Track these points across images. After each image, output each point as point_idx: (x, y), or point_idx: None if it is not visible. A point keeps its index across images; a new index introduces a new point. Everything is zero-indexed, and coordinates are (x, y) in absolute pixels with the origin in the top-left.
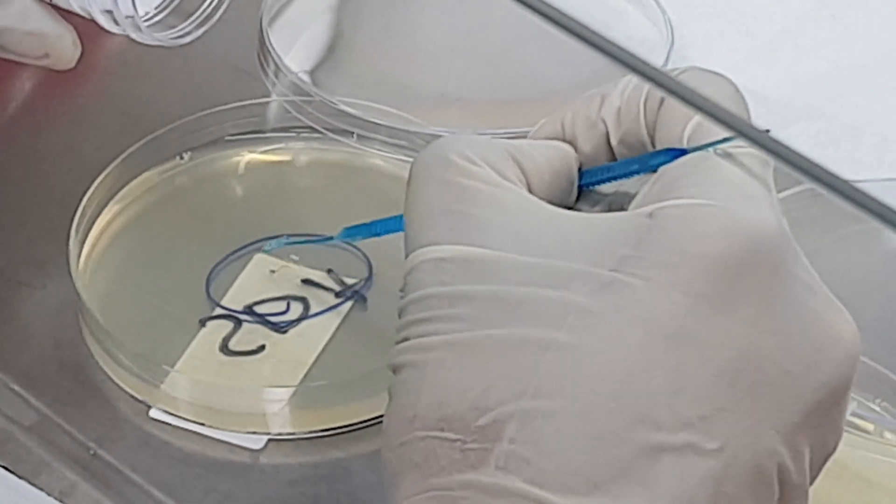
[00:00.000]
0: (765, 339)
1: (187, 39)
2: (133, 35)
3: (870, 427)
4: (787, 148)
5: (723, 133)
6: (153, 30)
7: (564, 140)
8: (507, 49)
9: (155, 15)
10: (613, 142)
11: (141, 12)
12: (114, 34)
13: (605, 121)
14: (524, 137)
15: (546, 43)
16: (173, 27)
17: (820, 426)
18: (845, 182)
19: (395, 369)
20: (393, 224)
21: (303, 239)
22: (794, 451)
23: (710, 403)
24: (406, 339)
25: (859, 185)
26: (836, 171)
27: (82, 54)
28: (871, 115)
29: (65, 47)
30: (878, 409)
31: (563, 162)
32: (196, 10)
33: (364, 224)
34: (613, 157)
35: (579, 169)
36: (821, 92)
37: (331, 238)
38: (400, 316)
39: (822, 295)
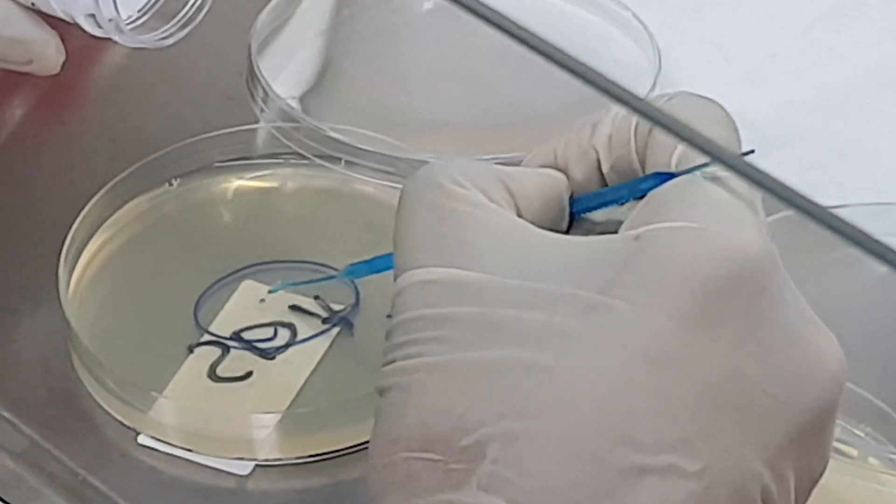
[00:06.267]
0: (748, 362)
1: (170, 41)
2: (116, 38)
3: (853, 452)
4: (764, 173)
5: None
6: (136, 32)
7: (556, 168)
8: (494, 74)
9: (137, 18)
10: (605, 169)
11: (123, 15)
12: (102, 59)
13: (596, 148)
14: (513, 162)
15: (533, 68)
16: (156, 29)
17: (805, 451)
18: (823, 208)
19: (381, 392)
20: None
21: (304, 280)
22: (778, 475)
23: (693, 425)
24: (392, 362)
25: (837, 211)
26: (823, 195)
27: (71, 82)
28: (858, 139)
29: (48, 53)
30: (861, 434)
31: (554, 189)
32: (178, 13)
33: (364, 261)
34: (605, 185)
35: (571, 196)
36: (808, 116)
37: (332, 277)
38: (387, 339)
39: (808, 318)
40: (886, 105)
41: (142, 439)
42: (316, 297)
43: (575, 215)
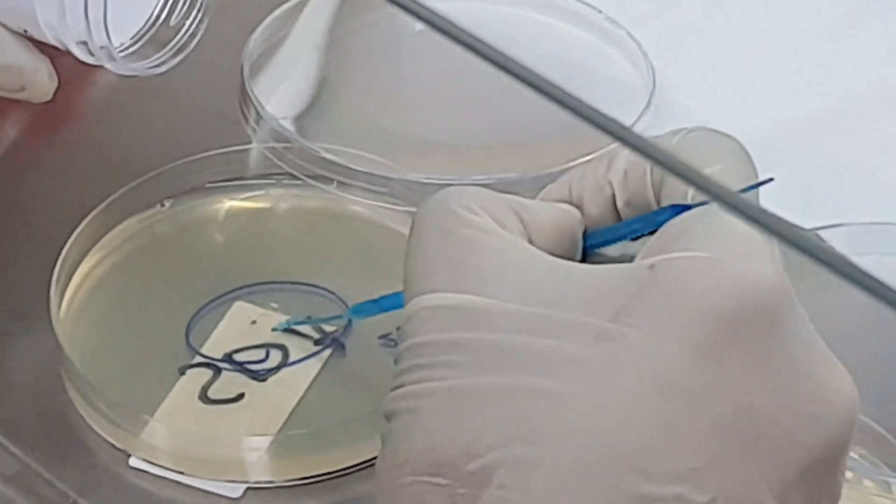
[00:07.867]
0: (760, 394)
1: (162, 69)
2: (108, 65)
3: (849, 475)
4: (737, 195)
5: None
6: (128, 60)
7: (571, 203)
8: (488, 95)
9: (130, 46)
10: (620, 204)
11: (116, 43)
12: (95, 78)
13: (611, 183)
14: (508, 183)
15: (528, 89)
16: (148, 57)
17: (815, 487)
18: (801, 230)
19: (389, 416)
20: (401, 299)
21: (304, 318)
22: None
23: (703, 456)
24: (401, 386)
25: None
26: (820, 214)
27: (64, 102)
28: (854, 158)
29: (41, 80)
30: (856, 456)
31: (567, 222)
32: (171, 41)
33: (371, 301)
34: (620, 221)
35: (585, 232)
36: (803, 135)
37: (339, 317)
38: (396, 363)
39: (821, 352)
40: (882, 124)
41: (133, 462)
42: (308, 319)
43: (588, 250)
